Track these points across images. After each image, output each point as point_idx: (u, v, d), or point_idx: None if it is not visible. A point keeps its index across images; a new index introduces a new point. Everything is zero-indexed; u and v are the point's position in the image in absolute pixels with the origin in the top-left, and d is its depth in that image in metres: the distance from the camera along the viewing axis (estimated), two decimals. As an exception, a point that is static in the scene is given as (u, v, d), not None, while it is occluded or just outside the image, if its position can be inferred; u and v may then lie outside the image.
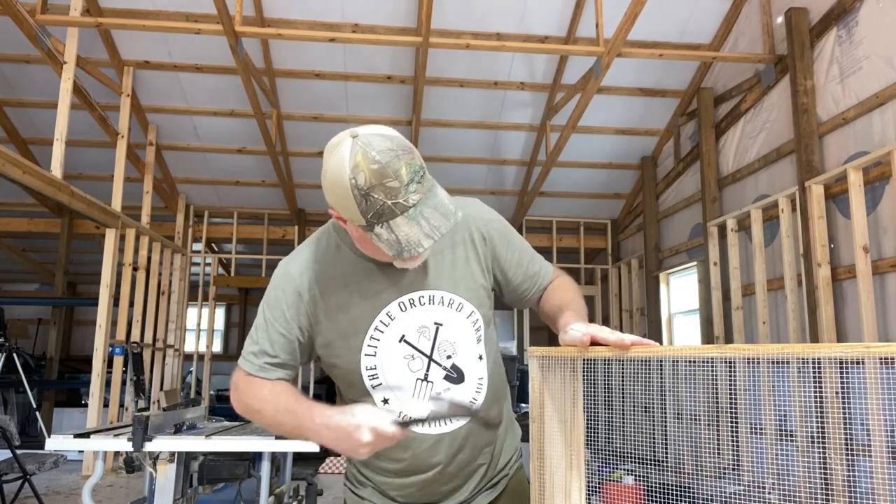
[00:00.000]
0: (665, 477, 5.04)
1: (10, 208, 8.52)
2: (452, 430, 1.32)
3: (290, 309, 1.28)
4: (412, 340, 1.30)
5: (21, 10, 5.09)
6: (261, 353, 1.29)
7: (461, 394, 1.32)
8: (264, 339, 1.29)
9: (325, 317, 1.29)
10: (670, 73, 6.72)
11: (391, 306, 1.29)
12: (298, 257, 1.34)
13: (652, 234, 7.76)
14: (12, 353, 7.15)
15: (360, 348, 1.28)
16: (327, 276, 1.30)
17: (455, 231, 1.33)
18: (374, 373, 1.29)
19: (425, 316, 1.30)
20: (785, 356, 3.35)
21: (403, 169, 1.09)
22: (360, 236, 1.21)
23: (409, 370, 1.29)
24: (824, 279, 4.59)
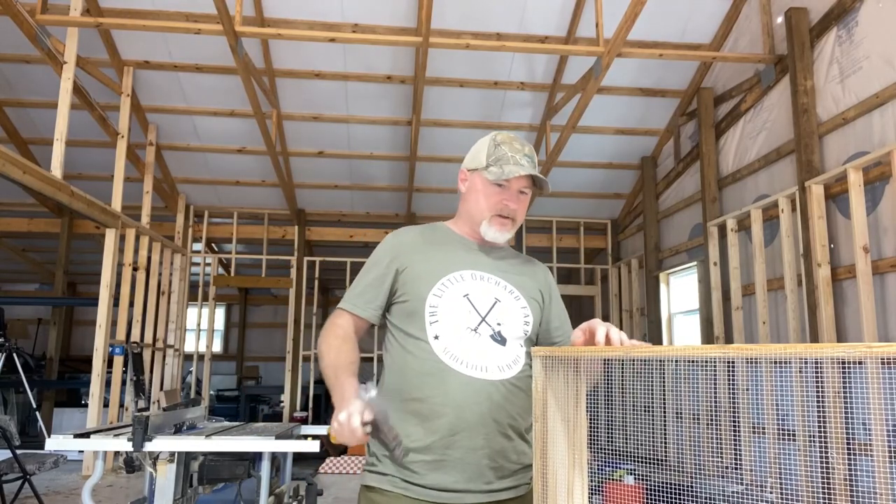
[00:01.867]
0: (666, 477, 5.04)
1: (10, 208, 8.52)
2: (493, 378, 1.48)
3: (387, 257, 1.60)
4: (473, 300, 1.54)
5: (21, 10, 5.09)
6: (356, 295, 1.59)
7: (499, 356, 1.51)
8: (362, 283, 1.61)
9: (414, 262, 1.58)
10: (670, 73, 6.72)
11: (465, 271, 1.58)
12: (404, 228, 1.73)
13: (652, 234, 7.76)
14: (12, 353, 7.15)
15: (431, 289, 1.53)
16: (425, 241, 1.65)
17: (536, 269, 1.73)
18: (434, 310, 1.51)
19: (489, 290, 1.57)
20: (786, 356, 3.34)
21: (528, 148, 1.64)
22: (472, 185, 1.63)
23: (464, 320, 1.51)
24: (824, 279, 4.59)
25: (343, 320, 1.58)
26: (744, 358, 4.57)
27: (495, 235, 1.61)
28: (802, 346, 0.97)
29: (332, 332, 1.55)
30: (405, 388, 1.48)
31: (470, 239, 1.66)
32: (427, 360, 1.47)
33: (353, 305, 1.58)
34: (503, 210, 1.59)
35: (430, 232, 1.69)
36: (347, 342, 1.53)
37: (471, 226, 1.64)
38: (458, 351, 1.47)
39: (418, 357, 1.48)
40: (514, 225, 1.63)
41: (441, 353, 1.47)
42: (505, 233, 1.61)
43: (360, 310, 1.57)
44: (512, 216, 1.61)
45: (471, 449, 1.43)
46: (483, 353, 1.49)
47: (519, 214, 1.63)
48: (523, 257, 1.76)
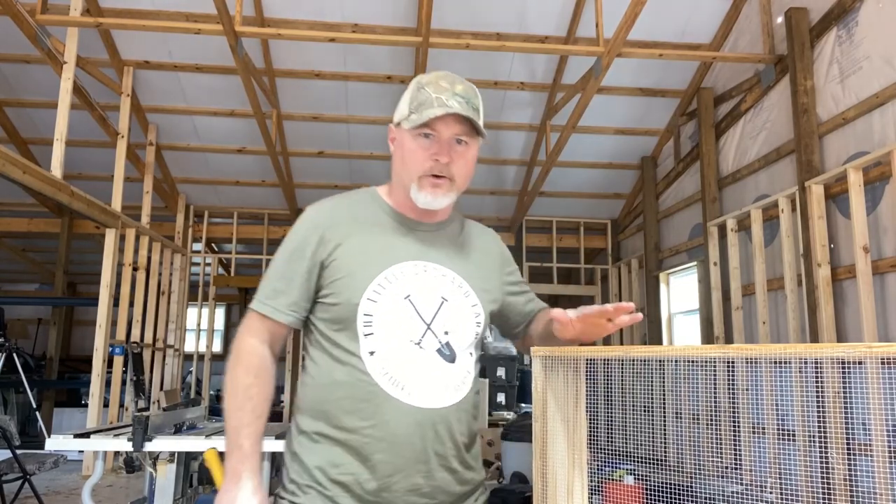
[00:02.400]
0: (666, 477, 5.04)
1: (10, 208, 8.51)
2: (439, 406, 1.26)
3: (311, 244, 1.29)
4: (416, 303, 1.27)
5: (21, 10, 5.09)
6: (275, 292, 1.30)
7: (447, 376, 1.28)
8: (280, 278, 1.30)
9: (343, 252, 1.29)
10: (670, 73, 6.72)
11: (407, 264, 1.30)
12: (329, 199, 1.39)
13: (652, 234, 7.76)
14: (12, 353, 7.15)
15: (364, 291, 1.25)
16: (356, 218, 1.34)
17: (487, 240, 1.50)
18: (369, 320, 1.24)
19: (435, 286, 1.30)
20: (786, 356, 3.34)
21: (460, 85, 1.31)
22: (399, 142, 1.34)
23: (405, 331, 1.25)
24: (824, 279, 4.59)
25: (256, 338, 1.28)
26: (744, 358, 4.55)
27: (428, 201, 1.30)
28: (802, 346, 0.97)
29: (243, 362, 1.26)
30: (333, 411, 1.24)
31: (406, 214, 1.36)
32: (360, 382, 1.23)
33: (272, 309, 1.28)
34: (433, 167, 1.28)
35: (360, 206, 1.37)
36: (261, 379, 1.25)
37: (403, 193, 1.34)
38: (399, 372, 1.23)
39: (350, 377, 1.23)
40: (452, 186, 1.31)
41: (378, 374, 1.22)
42: (439, 196, 1.30)
43: (280, 314, 1.28)
44: (447, 174, 1.29)
45: (408, 491, 1.22)
46: (428, 373, 1.25)
47: (457, 171, 1.30)
48: (471, 226, 1.48)
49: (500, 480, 5.54)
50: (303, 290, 1.29)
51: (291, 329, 1.33)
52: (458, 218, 1.47)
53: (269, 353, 1.30)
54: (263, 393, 1.25)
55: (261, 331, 1.29)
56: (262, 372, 1.26)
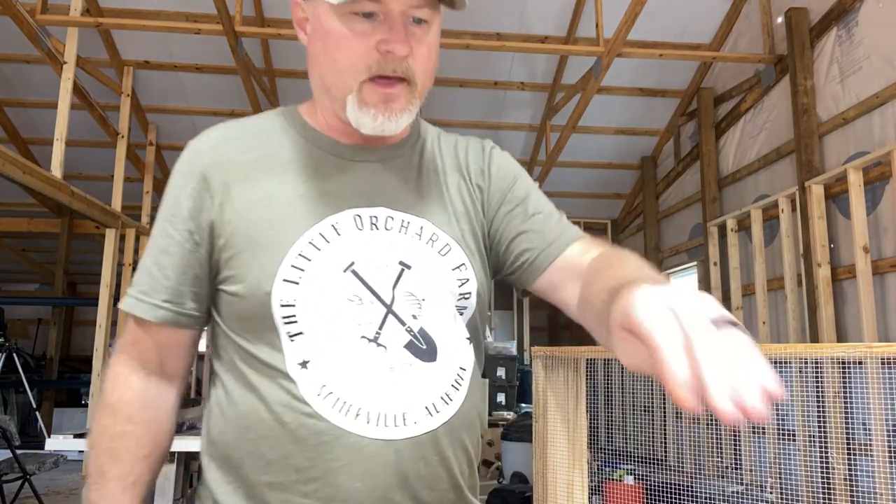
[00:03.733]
0: (666, 477, 5.04)
1: (10, 208, 8.51)
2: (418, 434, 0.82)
3: (189, 200, 0.85)
4: (365, 275, 0.82)
5: (21, 10, 5.09)
6: (150, 280, 0.86)
7: (428, 382, 0.83)
8: (153, 259, 0.86)
9: (238, 212, 0.83)
10: (670, 73, 6.72)
11: (342, 216, 0.84)
12: (214, 130, 0.91)
13: (652, 234, 7.76)
14: (12, 353, 7.16)
15: (278, 268, 0.80)
16: (255, 156, 0.87)
17: (470, 154, 0.97)
18: (291, 313, 0.80)
19: (388, 247, 0.85)
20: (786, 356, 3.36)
21: None
22: (317, 27, 0.86)
23: (352, 321, 0.81)
24: (824, 279, 4.59)
25: (127, 360, 0.88)
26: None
27: (377, 124, 0.83)
28: (802, 346, 0.97)
29: (107, 401, 0.87)
30: (246, 462, 0.81)
31: (339, 139, 0.90)
32: (289, 411, 0.79)
33: (146, 307, 0.86)
34: (382, 64, 0.80)
35: (267, 133, 0.91)
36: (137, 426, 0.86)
37: (331, 109, 0.88)
38: (349, 390, 0.79)
39: (273, 408, 0.80)
40: (412, 94, 0.85)
41: (316, 397, 0.79)
42: (395, 114, 0.83)
43: (153, 312, 0.85)
44: (404, 74, 0.82)
45: None
46: (396, 383, 0.81)
47: (417, 66, 0.83)
48: (442, 139, 0.99)
49: (500, 480, 5.54)
50: (183, 271, 0.85)
51: (194, 332, 0.90)
52: (416, 129, 0.97)
53: (149, 382, 0.88)
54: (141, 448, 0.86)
55: (138, 345, 0.88)
56: (134, 417, 0.85)
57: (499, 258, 0.95)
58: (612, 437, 6.21)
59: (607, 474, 4.79)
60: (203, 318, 0.90)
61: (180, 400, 0.93)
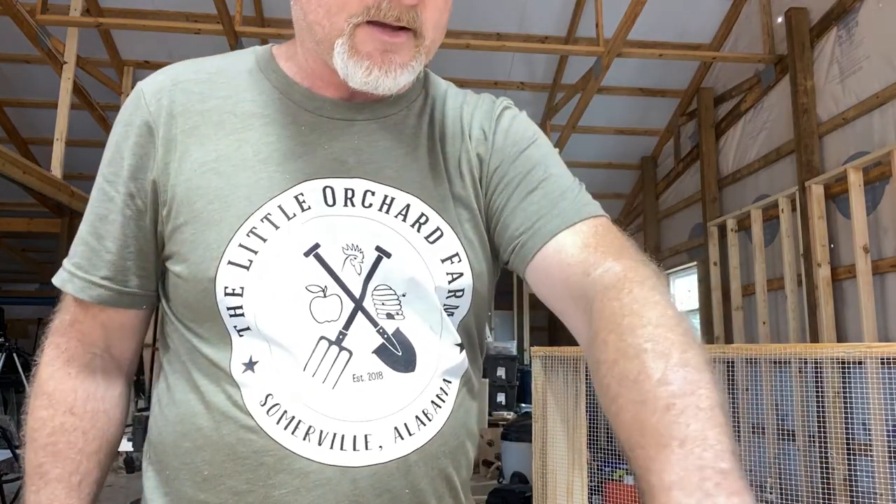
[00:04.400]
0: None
1: (10, 208, 8.51)
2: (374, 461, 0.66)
3: (131, 156, 0.71)
4: (331, 261, 0.67)
5: (21, 10, 5.09)
6: (88, 252, 0.72)
7: (398, 398, 0.68)
8: (91, 227, 0.72)
9: (182, 174, 0.69)
10: (670, 73, 6.71)
11: (309, 187, 0.68)
12: (165, 71, 0.76)
13: (652, 234, 7.76)
14: (12, 353, 7.16)
15: (224, 247, 0.66)
16: (211, 105, 0.72)
17: (457, 116, 0.79)
18: (237, 303, 0.66)
19: (363, 230, 0.69)
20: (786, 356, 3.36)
21: None
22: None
23: (311, 315, 0.66)
24: (824, 279, 4.59)
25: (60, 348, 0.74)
26: (744, 358, 4.55)
27: (371, 79, 0.66)
28: (802, 346, 0.97)
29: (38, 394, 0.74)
30: (186, 472, 0.68)
31: (320, 92, 0.73)
32: (228, 423, 0.66)
33: (82, 284, 0.72)
34: (381, 8, 0.64)
35: (230, 79, 0.74)
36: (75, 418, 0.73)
37: (317, 52, 0.71)
38: (300, 402, 0.65)
39: (213, 413, 0.67)
40: (417, 47, 0.68)
41: (258, 407, 0.66)
42: (394, 69, 0.67)
43: (89, 290, 0.72)
44: (408, 23, 0.66)
45: None
46: (360, 396, 0.66)
47: (428, 16, 0.68)
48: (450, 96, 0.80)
49: (500, 480, 5.54)
50: (124, 243, 0.71)
51: (142, 311, 0.77)
52: (419, 85, 0.78)
53: (93, 369, 0.75)
54: (88, 443, 0.73)
55: (77, 326, 0.74)
56: (82, 404, 0.73)
57: (494, 244, 0.77)
58: (612, 437, 6.20)
59: (607, 474, 4.79)
60: (152, 296, 0.76)
61: (130, 386, 0.81)
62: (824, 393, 4.17)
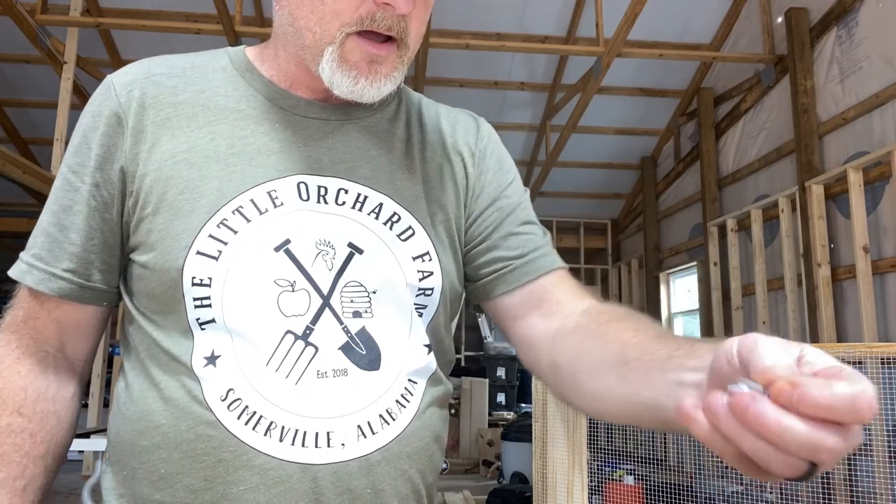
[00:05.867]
0: (666, 477, 5.04)
1: (10, 208, 8.51)
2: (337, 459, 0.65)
3: (99, 146, 0.70)
4: (301, 256, 0.68)
5: (21, 10, 5.09)
6: (48, 243, 0.70)
7: (362, 394, 0.67)
8: (53, 217, 0.70)
9: (153, 164, 0.68)
10: (670, 73, 6.72)
11: (283, 183, 0.69)
12: (137, 64, 0.75)
13: (652, 234, 7.76)
14: (12, 353, 7.15)
15: (194, 237, 0.66)
16: (184, 98, 0.72)
17: (434, 126, 0.83)
18: (205, 294, 0.66)
19: (336, 226, 0.70)
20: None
21: None
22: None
23: (279, 309, 0.66)
24: (824, 279, 4.59)
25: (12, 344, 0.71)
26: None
27: (357, 88, 0.68)
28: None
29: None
30: (143, 472, 0.67)
31: (295, 92, 0.75)
32: (186, 417, 0.65)
33: (40, 275, 0.70)
34: (374, 18, 0.66)
35: (205, 75, 0.74)
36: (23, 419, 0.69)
37: (299, 56, 0.71)
38: (261, 396, 0.65)
39: (171, 408, 0.66)
40: (401, 57, 0.70)
41: (218, 402, 0.65)
42: (380, 79, 0.69)
43: (49, 282, 0.69)
44: (397, 32, 0.68)
45: None
46: (324, 393, 0.66)
47: (413, 26, 0.69)
48: (424, 106, 0.84)
49: (500, 480, 5.54)
50: (89, 235, 0.70)
51: (102, 309, 0.74)
52: (393, 92, 0.75)
53: (45, 368, 0.71)
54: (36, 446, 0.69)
55: (31, 322, 0.71)
56: (32, 404, 0.69)
57: (468, 260, 0.79)
58: (612, 437, 6.21)
59: (607, 474, 4.80)
60: (114, 293, 0.74)
61: (82, 389, 0.76)
62: (824, 393, 4.17)
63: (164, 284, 0.66)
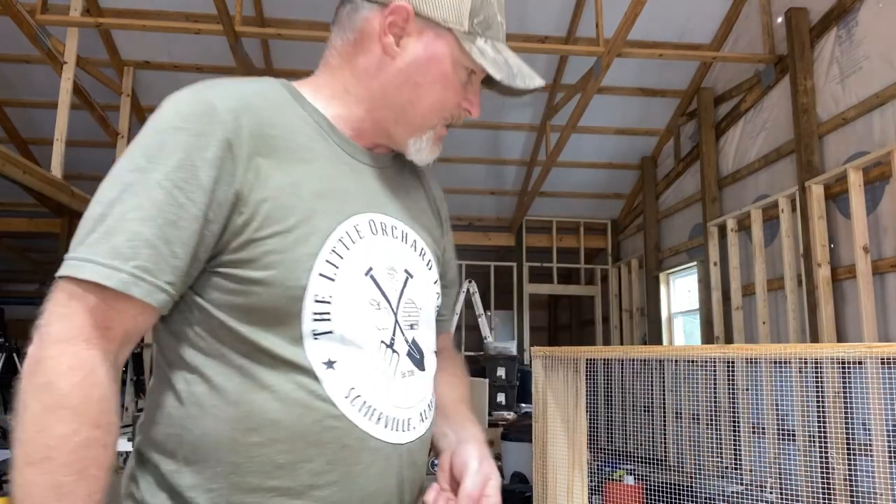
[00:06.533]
0: (666, 477, 5.04)
1: (10, 208, 8.51)
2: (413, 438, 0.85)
3: (211, 168, 0.73)
4: (381, 281, 0.83)
5: (21, 10, 5.09)
6: (144, 247, 0.70)
7: (420, 390, 0.87)
8: (158, 230, 0.71)
9: (269, 191, 0.76)
10: (670, 73, 6.72)
11: (361, 219, 0.83)
12: (226, 88, 0.79)
13: (652, 234, 7.76)
14: (13, 353, 7.16)
15: (314, 262, 0.76)
16: (276, 133, 0.79)
17: (432, 189, 1.03)
18: (325, 309, 0.76)
19: (396, 253, 0.86)
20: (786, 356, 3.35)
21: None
22: (431, 52, 0.83)
23: (374, 325, 0.81)
24: (824, 279, 4.59)
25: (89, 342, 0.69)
26: (744, 358, 4.55)
27: (425, 157, 0.90)
28: (802, 346, 0.97)
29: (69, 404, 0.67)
30: (251, 464, 0.74)
31: (353, 139, 0.88)
32: (311, 412, 0.75)
33: (135, 281, 0.69)
34: (455, 116, 0.89)
35: (277, 109, 0.82)
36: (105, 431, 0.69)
37: (375, 121, 0.87)
38: (374, 394, 0.80)
39: (290, 406, 0.74)
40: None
41: (344, 399, 0.77)
42: (437, 152, 0.92)
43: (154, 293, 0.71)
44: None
45: None
46: (405, 390, 0.84)
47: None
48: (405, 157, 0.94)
49: (500, 480, 5.54)
50: (194, 252, 0.73)
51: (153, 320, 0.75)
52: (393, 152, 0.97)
53: (112, 375, 0.72)
54: (109, 458, 0.71)
55: (108, 332, 0.70)
56: (105, 415, 0.69)
57: None
58: (612, 437, 6.21)
59: (607, 474, 4.80)
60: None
61: None
62: (824, 393, 4.17)
63: (282, 299, 0.75)
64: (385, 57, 0.84)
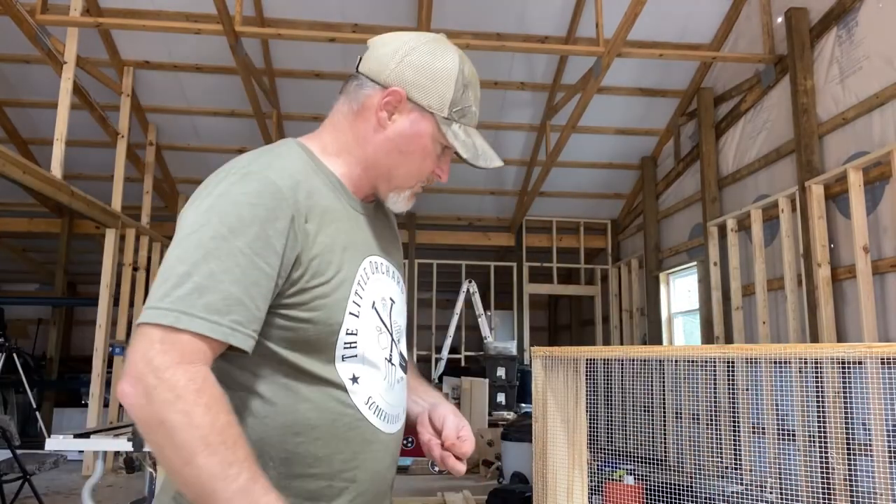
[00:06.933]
0: (666, 477, 5.04)
1: (10, 208, 8.51)
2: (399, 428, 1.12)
3: (282, 238, 0.93)
4: (380, 310, 1.07)
5: (21, 10, 5.09)
6: (236, 303, 0.88)
7: (402, 394, 1.14)
8: (244, 291, 0.89)
9: (315, 251, 0.97)
10: (670, 73, 6.72)
11: (366, 262, 1.06)
12: (280, 169, 0.99)
13: (652, 234, 7.76)
14: (12, 353, 7.15)
15: (346, 303, 0.99)
16: (313, 202, 1.00)
17: (392, 217, 1.25)
18: (353, 340, 1.00)
19: (385, 286, 1.10)
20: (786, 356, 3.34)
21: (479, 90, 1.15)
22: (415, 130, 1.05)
23: (380, 346, 1.06)
24: (824, 279, 4.59)
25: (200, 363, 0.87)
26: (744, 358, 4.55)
27: (401, 207, 1.13)
28: (802, 346, 0.97)
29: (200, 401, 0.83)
30: (296, 458, 0.97)
31: (353, 192, 1.10)
32: (342, 417, 0.99)
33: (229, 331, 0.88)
34: (429, 179, 1.14)
35: (308, 178, 1.02)
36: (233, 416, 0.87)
37: (369, 180, 1.10)
38: (380, 398, 1.05)
39: (327, 413, 0.98)
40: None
41: (364, 406, 1.02)
42: (410, 205, 1.15)
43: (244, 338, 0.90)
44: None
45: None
46: (399, 393, 1.11)
47: None
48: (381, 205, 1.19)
49: (500, 480, 5.54)
50: (267, 303, 0.93)
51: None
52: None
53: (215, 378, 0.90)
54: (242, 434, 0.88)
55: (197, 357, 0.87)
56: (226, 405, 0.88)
57: None
58: (612, 437, 6.21)
59: (607, 474, 4.79)
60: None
61: None
62: (824, 393, 4.17)
63: (324, 333, 0.98)
64: (379, 127, 1.06)
